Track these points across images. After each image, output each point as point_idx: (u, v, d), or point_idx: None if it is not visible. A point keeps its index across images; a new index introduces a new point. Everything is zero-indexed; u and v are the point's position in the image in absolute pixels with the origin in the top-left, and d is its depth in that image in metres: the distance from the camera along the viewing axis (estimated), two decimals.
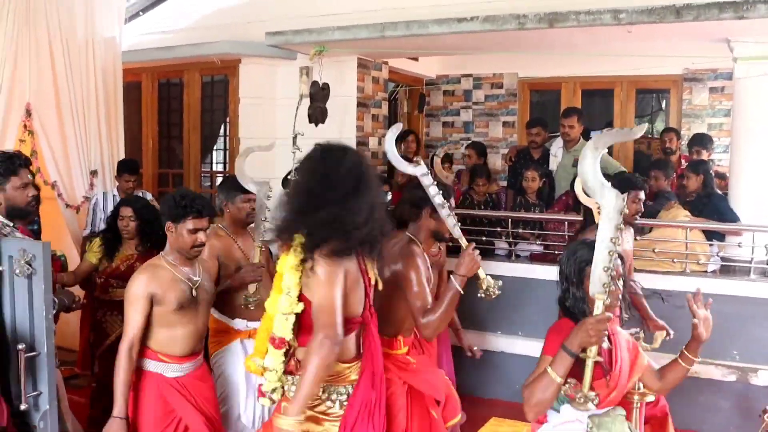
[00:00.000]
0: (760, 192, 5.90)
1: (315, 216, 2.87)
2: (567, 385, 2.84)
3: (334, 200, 2.88)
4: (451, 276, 3.51)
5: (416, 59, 8.39)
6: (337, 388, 3.02)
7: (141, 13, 7.83)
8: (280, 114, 7.23)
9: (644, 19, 5.30)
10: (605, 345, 2.98)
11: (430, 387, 3.78)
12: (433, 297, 3.66)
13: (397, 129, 3.92)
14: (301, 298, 2.95)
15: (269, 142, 5.01)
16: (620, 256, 3.01)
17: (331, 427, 2.99)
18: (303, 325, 2.99)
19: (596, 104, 8.55)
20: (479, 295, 3.65)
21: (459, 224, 3.65)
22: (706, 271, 5.69)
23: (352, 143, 7.10)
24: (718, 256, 5.82)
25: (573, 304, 3.02)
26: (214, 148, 8.31)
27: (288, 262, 2.93)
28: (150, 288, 3.45)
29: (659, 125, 8.59)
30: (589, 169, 2.76)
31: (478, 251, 3.52)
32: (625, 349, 3.04)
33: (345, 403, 2.99)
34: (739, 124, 5.98)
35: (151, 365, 3.52)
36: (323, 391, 2.98)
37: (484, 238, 6.22)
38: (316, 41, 6.53)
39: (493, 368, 5.96)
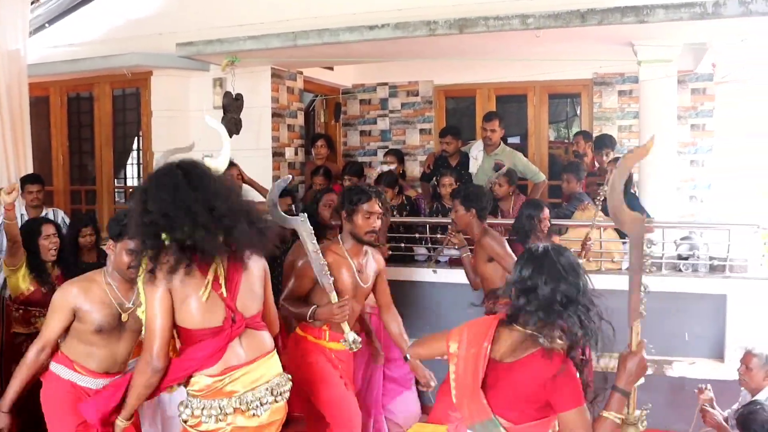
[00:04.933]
0: (668, 189, 6.11)
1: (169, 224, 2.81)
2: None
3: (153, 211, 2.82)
4: (311, 309, 3.91)
5: (331, 69, 8.38)
6: (211, 402, 2.93)
7: (47, 24, 7.58)
8: (194, 126, 7.11)
9: (551, 24, 5.42)
10: None
11: None
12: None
13: (284, 182, 4.04)
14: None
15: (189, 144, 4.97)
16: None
17: None
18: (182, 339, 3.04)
19: (511, 110, 8.67)
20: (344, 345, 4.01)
21: (329, 275, 3.90)
22: (620, 269, 5.83)
23: (268, 154, 7.08)
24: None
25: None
26: (128, 162, 8.12)
27: (140, 276, 2.93)
28: (77, 301, 3.39)
29: (575, 130, 8.77)
30: (618, 199, 2.63)
31: (345, 307, 3.85)
32: None
33: (220, 418, 2.92)
34: (646, 125, 6.17)
35: (63, 371, 3.44)
36: (201, 409, 2.93)
37: (403, 245, 6.23)
38: (228, 51, 6.46)
39: None
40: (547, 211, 5.14)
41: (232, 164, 5.83)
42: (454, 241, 5.15)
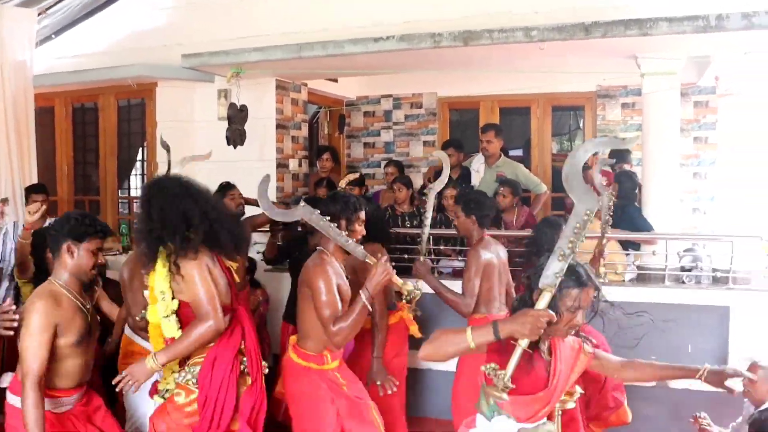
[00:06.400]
0: (670, 201, 6.11)
1: (166, 230, 3.26)
2: (489, 367, 2.65)
3: (172, 216, 3.29)
4: (361, 290, 3.60)
5: (336, 80, 8.40)
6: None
7: (53, 36, 7.63)
8: (199, 137, 7.15)
9: (555, 37, 5.44)
10: (545, 357, 2.86)
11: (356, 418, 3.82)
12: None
13: (266, 181, 3.90)
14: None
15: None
16: (597, 288, 2.88)
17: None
18: (184, 324, 3.33)
19: (514, 122, 8.70)
20: (403, 300, 3.80)
21: (359, 245, 3.75)
22: (623, 281, 5.82)
23: (272, 165, 7.10)
24: (634, 265, 5.96)
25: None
26: (132, 173, 8.15)
27: (157, 272, 3.29)
28: (55, 317, 3.15)
29: (578, 142, 8.80)
30: (575, 164, 2.69)
31: (388, 263, 3.68)
32: (566, 362, 2.90)
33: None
34: (649, 138, 6.17)
35: None
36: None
37: (406, 256, 6.22)
38: (233, 63, 6.49)
39: (420, 385, 5.95)
40: None
41: (231, 186, 5.84)
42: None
